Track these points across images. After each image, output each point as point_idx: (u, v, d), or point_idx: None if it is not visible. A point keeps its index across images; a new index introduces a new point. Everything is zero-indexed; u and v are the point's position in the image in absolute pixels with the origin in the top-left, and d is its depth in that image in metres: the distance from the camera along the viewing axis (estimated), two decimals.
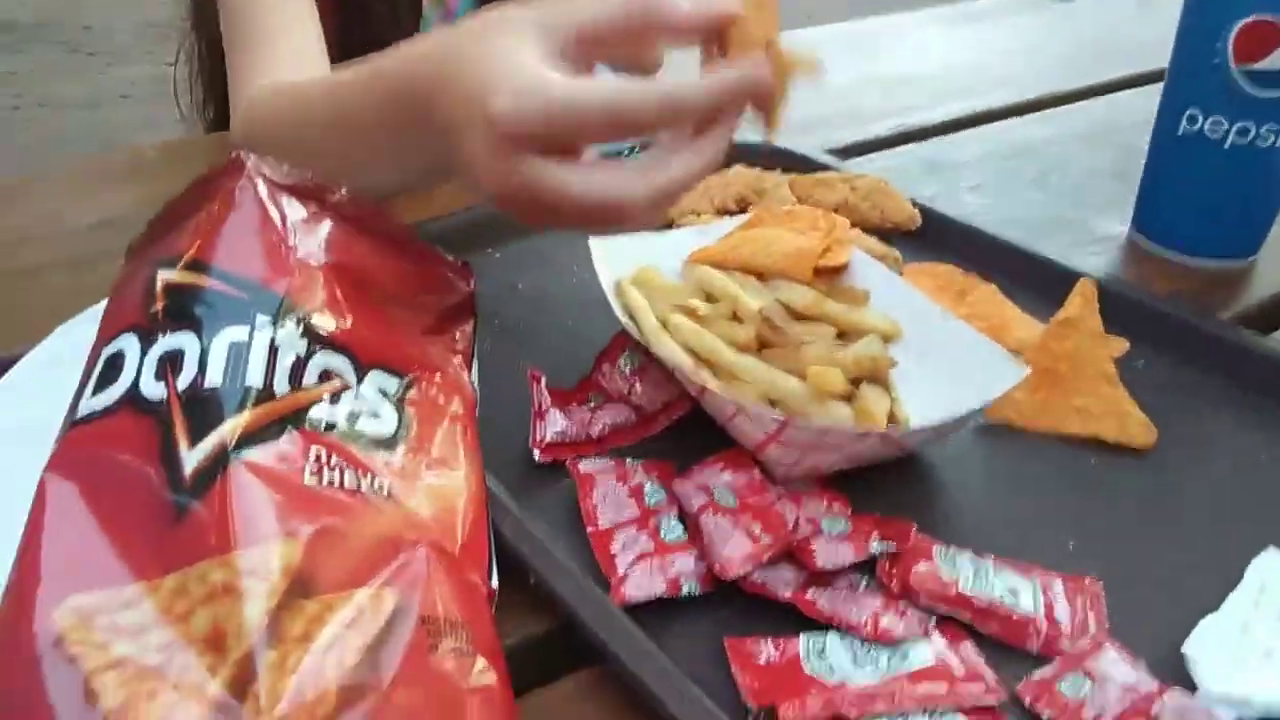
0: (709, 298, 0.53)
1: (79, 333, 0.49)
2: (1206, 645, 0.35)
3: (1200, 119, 0.62)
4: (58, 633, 0.30)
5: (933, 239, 0.65)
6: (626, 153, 0.75)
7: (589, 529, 0.41)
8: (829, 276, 0.54)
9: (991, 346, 0.47)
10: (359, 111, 0.50)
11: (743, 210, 0.66)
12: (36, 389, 0.48)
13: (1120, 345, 0.51)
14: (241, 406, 0.34)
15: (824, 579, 0.38)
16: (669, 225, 0.66)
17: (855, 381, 0.47)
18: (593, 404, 0.48)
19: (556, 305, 0.58)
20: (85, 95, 3.35)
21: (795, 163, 0.72)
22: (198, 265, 0.37)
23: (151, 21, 3.98)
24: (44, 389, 0.45)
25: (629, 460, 0.45)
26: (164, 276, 0.37)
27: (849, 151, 0.81)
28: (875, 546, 0.38)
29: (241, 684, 0.29)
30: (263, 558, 0.31)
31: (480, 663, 0.32)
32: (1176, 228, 0.66)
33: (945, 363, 0.47)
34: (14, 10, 4.11)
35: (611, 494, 0.43)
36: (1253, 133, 0.60)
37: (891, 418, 0.45)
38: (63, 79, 3.49)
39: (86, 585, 0.31)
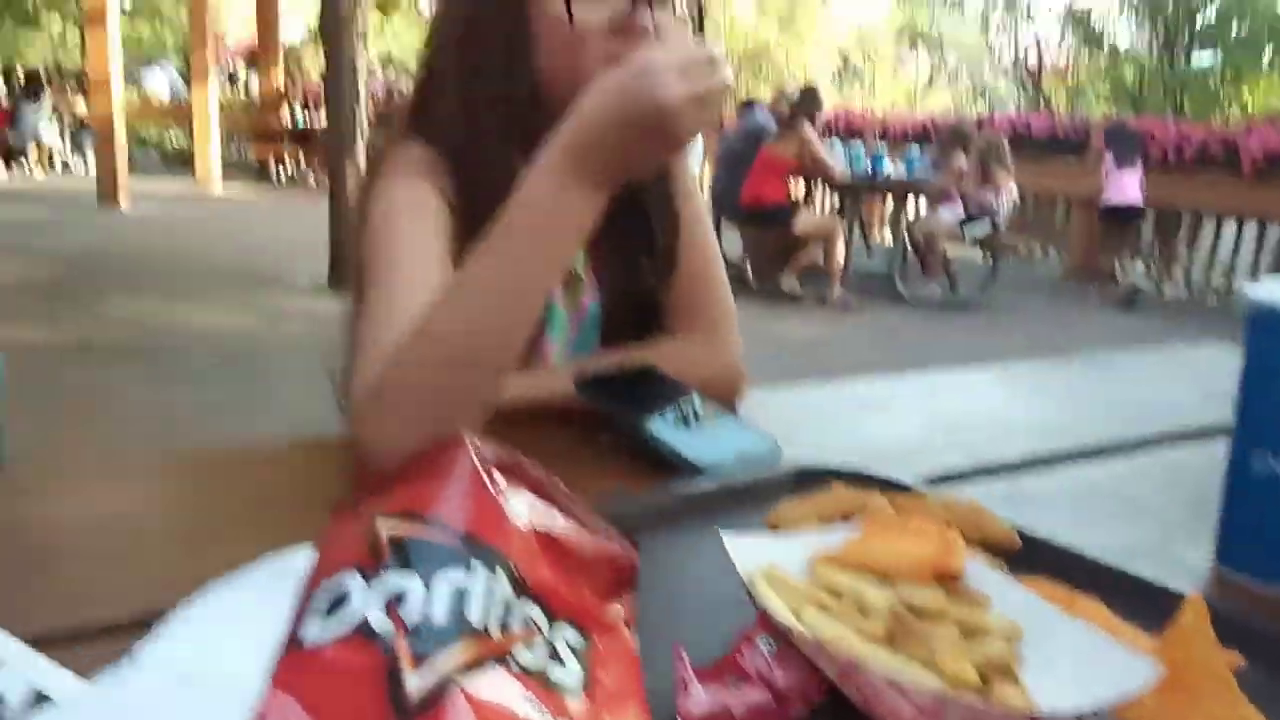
0: (835, 595, 0.56)
1: (230, 594, 0.52)
2: None
3: (1271, 460, 0.67)
4: None
5: (1029, 561, 0.68)
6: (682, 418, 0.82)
7: None
8: (948, 582, 0.58)
9: (1118, 645, 0.50)
10: (521, 214, 0.69)
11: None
12: (194, 640, 0.50)
13: (1234, 659, 0.53)
14: (462, 641, 0.37)
15: None
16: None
17: (984, 679, 0.49)
18: (732, 684, 0.50)
19: (688, 593, 0.61)
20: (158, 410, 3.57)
21: (888, 487, 0.77)
22: (422, 518, 0.42)
23: (226, 352, 4.32)
24: (203, 640, 0.47)
25: None
26: (388, 525, 0.42)
27: (928, 482, 0.86)
28: None
29: None
30: None
31: None
32: (1261, 560, 0.69)
33: (1073, 661, 0.50)
34: (93, 331, 4.50)
35: None
36: None
37: None
38: (138, 396, 3.74)
39: None
